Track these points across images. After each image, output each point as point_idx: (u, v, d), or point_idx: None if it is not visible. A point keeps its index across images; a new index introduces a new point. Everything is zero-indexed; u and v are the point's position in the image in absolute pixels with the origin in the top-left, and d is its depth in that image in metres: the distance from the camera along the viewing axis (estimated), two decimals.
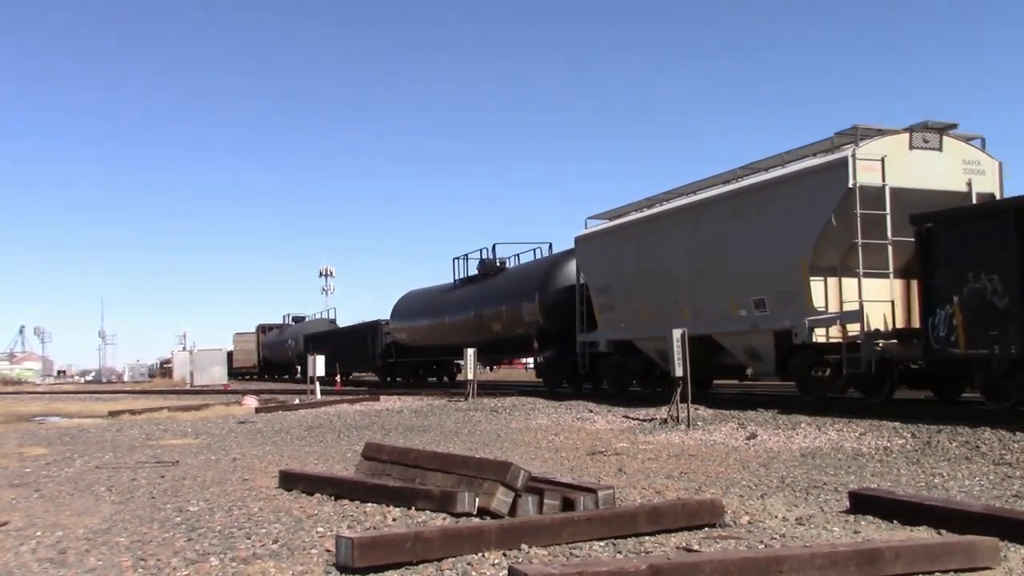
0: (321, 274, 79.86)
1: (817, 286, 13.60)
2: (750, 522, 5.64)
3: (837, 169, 13.10)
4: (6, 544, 5.50)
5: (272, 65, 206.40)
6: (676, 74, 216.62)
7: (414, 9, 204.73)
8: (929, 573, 4.24)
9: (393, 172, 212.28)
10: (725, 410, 13.71)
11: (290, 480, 7.47)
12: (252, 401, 23.25)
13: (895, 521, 5.41)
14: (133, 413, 20.25)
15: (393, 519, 5.91)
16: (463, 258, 28.60)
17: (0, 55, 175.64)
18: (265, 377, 57.75)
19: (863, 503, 5.81)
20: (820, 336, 13.53)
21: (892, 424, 10.80)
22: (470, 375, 20.60)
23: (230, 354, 60.30)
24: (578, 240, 20.74)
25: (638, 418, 13.56)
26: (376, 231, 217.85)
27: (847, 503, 6.00)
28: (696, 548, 4.85)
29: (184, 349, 77.60)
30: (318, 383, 25.00)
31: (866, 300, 12.89)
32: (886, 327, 13.23)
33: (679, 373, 12.78)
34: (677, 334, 12.91)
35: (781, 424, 11.55)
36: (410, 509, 6.12)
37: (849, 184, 12.84)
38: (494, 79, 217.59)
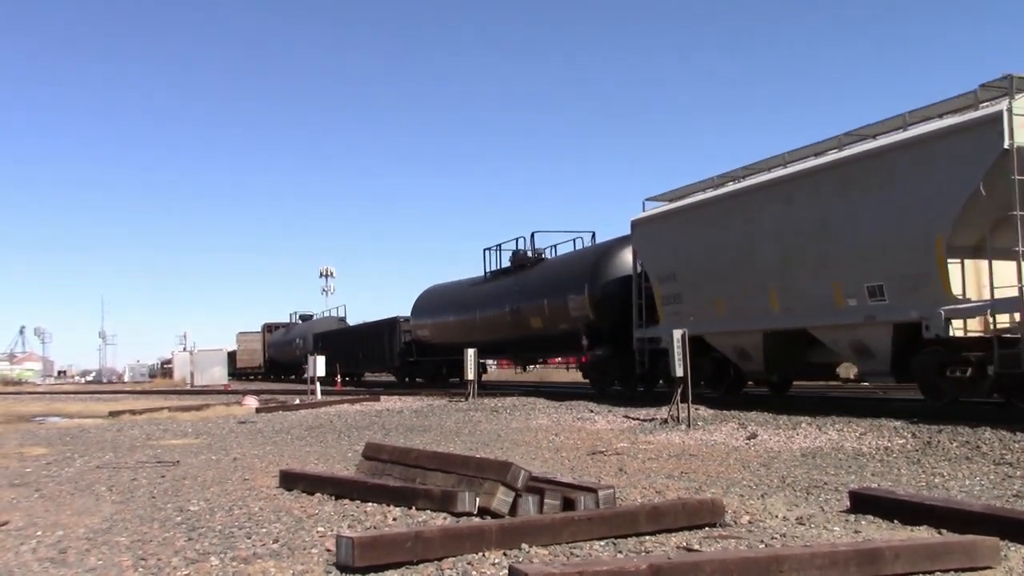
0: (321, 274, 79.84)
1: (953, 269, 11.53)
2: (750, 522, 5.64)
3: (988, 127, 10.99)
4: (7, 544, 5.50)
5: (272, 65, 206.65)
6: (676, 74, 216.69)
7: (414, 9, 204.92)
8: (929, 573, 4.24)
9: (393, 172, 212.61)
10: (725, 410, 13.71)
11: (290, 480, 7.47)
12: (252, 401, 23.25)
13: (895, 521, 5.41)
14: (133, 413, 20.25)
15: (393, 519, 5.91)
16: (495, 248, 26.09)
17: (0, 55, 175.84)
18: (271, 378, 55.83)
19: (863, 503, 5.81)
20: (957, 329, 11.53)
21: (893, 424, 10.80)
22: (470, 375, 20.59)
23: (233, 354, 59.58)
24: (635, 224, 18.32)
25: (639, 418, 13.56)
26: (376, 231, 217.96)
27: (847, 503, 6.00)
28: (696, 548, 4.85)
29: (184, 349, 77.59)
30: (318, 383, 25.01)
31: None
32: None
33: (679, 373, 12.79)
34: (677, 335, 12.91)
35: (782, 424, 11.55)
36: (410, 509, 6.12)
37: (1005, 144, 10.71)
38: (494, 79, 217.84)
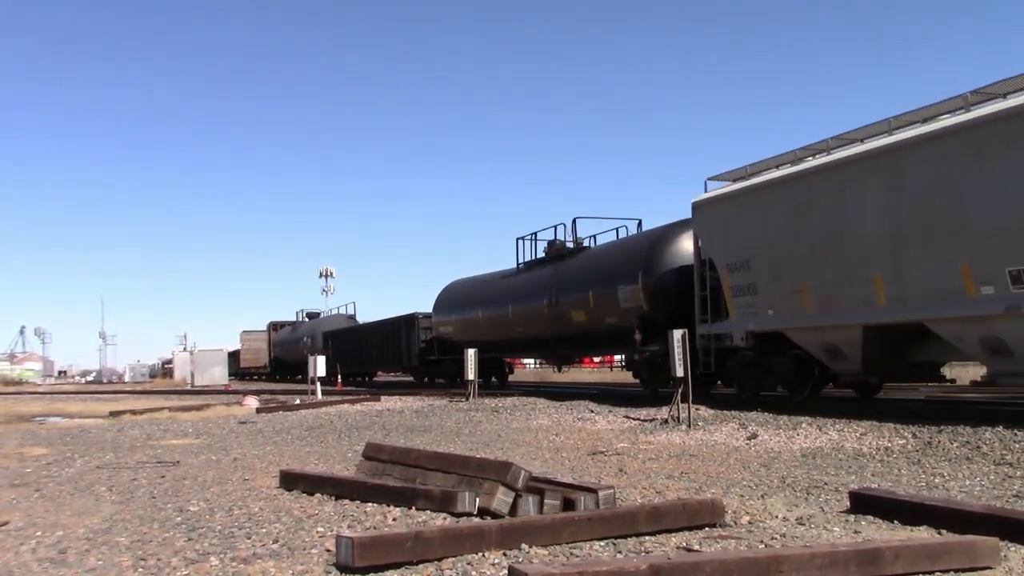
0: (321, 275, 79.81)
1: None
2: (750, 522, 5.63)
3: None
4: (6, 544, 5.50)
5: (272, 65, 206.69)
6: (676, 74, 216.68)
7: (414, 9, 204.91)
8: (929, 573, 4.24)
9: (393, 172, 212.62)
10: (726, 410, 13.70)
11: (291, 480, 7.47)
12: (253, 401, 23.26)
13: (895, 521, 5.41)
14: (134, 413, 20.24)
15: (393, 519, 5.91)
16: (531, 237, 23.91)
17: (0, 55, 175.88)
18: (277, 378, 53.67)
19: (864, 503, 5.80)
20: None
21: (893, 424, 10.79)
22: (470, 375, 20.59)
23: (237, 353, 58.81)
24: (697, 206, 16.41)
25: (639, 418, 13.55)
26: (376, 231, 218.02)
27: (848, 503, 6.00)
28: (696, 548, 4.85)
29: (185, 349, 77.63)
30: (319, 383, 25.04)
31: None
32: None
33: (679, 373, 12.78)
34: (677, 335, 12.89)
35: (782, 424, 11.55)
36: (410, 509, 6.11)
37: None
38: (494, 79, 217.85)
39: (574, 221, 22.42)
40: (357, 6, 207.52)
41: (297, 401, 22.43)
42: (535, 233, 23.81)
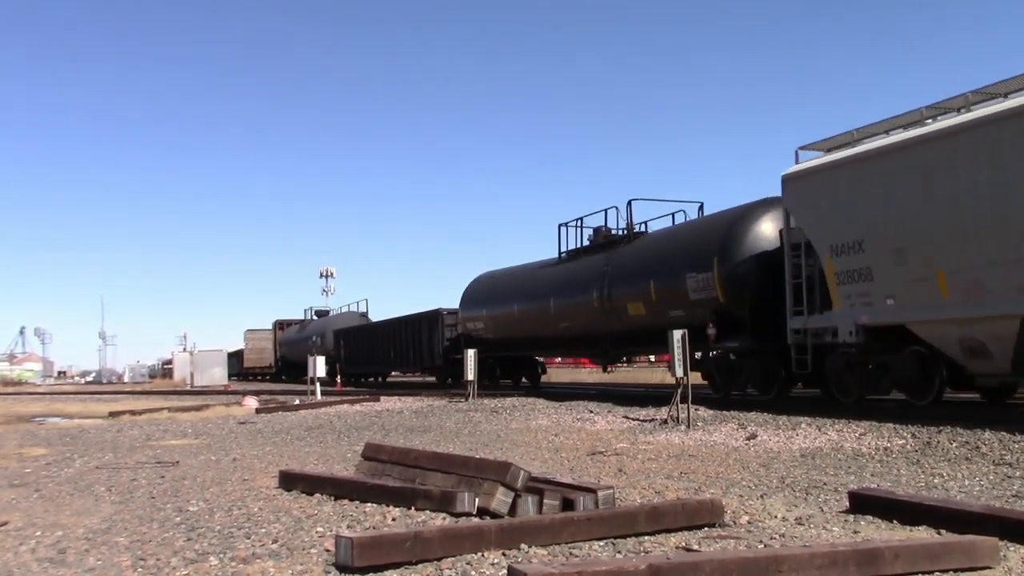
0: (322, 275, 79.74)
1: None
2: (750, 522, 5.64)
3: None
4: (6, 544, 5.51)
5: (272, 65, 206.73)
6: (676, 74, 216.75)
7: (414, 9, 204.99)
8: (929, 573, 4.24)
9: (393, 172, 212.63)
10: (725, 411, 13.70)
11: (290, 480, 7.47)
12: (252, 402, 23.27)
13: (895, 521, 5.41)
14: (133, 414, 20.24)
15: (393, 519, 5.91)
16: (576, 223, 21.34)
17: (0, 55, 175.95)
18: (283, 378, 50.93)
19: (863, 503, 5.80)
20: None
21: (892, 424, 10.79)
22: (470, 375, 20.59)
23: (241, 353, 58.24)
24: (789, 179, 13.99)
25: (638, 418, 13.55)
26: (376, 231, 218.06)
27: (847, 503, 6.00)
28: (696, 548, 4.85)
29: (184, 350, 77.60)
30: (318, 384, 25.04)
31: None
32: None
33: (680, 373, 12.78)
34: (677, 335, 12.88)
35: (781, 424, 11.54)
36: (410, 509, 6.12)
37: None
38: (494, 79, 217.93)
39: (629, 203, 19.93)
40: (357, 6, 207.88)
41: (296, 401, 22.43)
42: (581, 218, 21.47)
